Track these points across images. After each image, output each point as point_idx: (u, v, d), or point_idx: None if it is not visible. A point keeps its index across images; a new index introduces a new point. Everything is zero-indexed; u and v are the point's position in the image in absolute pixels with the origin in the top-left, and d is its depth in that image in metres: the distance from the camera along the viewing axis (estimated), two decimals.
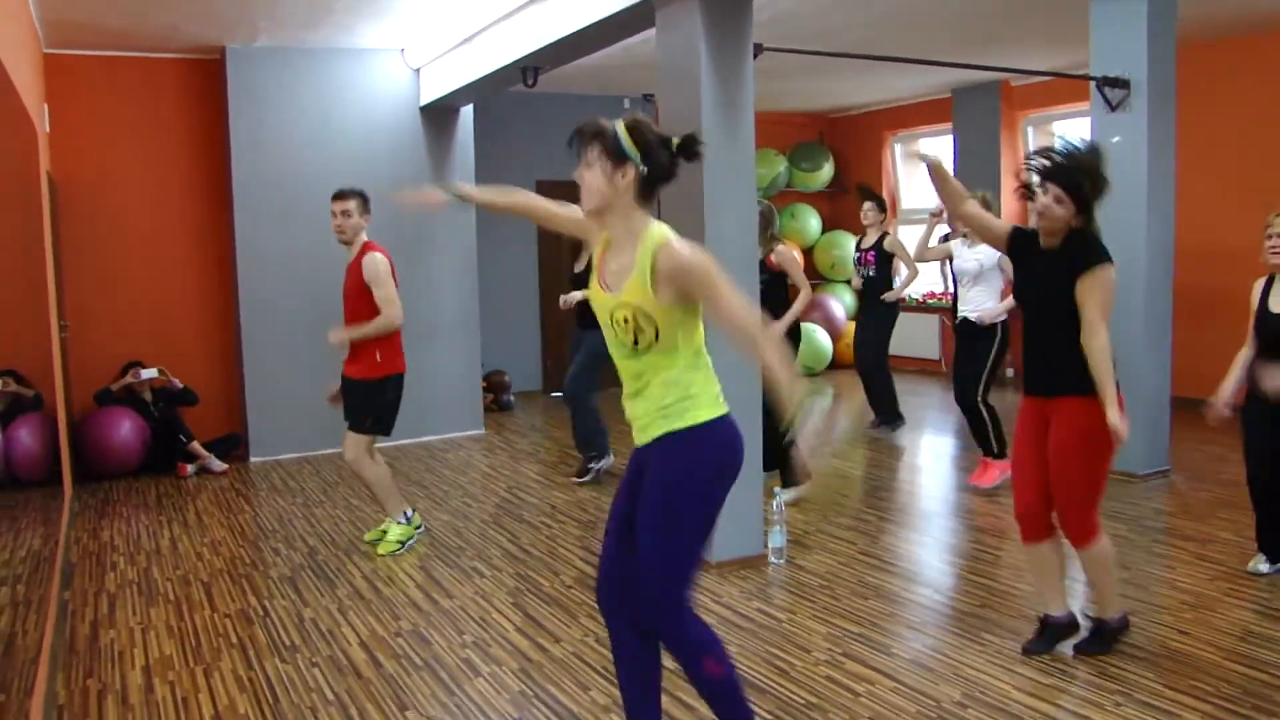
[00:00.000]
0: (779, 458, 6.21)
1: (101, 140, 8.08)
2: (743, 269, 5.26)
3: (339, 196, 5.65)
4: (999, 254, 6.20)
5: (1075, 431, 3.85)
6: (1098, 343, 3.77)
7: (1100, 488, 3.95)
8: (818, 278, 12.61)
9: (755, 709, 3.67)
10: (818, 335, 11.76)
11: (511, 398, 10.41)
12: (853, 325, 12.27)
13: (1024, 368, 4.07)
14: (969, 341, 6.72)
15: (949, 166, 9.30)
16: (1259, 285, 4.77)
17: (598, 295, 3.05)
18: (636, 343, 2.93)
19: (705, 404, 2.95)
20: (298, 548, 5.88)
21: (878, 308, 8.39)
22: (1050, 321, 3.89)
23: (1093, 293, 3.78)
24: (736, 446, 3.01)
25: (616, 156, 2.94)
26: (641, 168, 2.92)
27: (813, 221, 12.70)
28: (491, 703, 3.85)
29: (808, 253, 12.83)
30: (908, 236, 9.94)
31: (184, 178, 8.41)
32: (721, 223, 5.16)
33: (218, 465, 7.96)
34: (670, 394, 2.93)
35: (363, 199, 5.70)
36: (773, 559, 5.34)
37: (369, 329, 5.55)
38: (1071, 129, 10.69)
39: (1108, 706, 3.64)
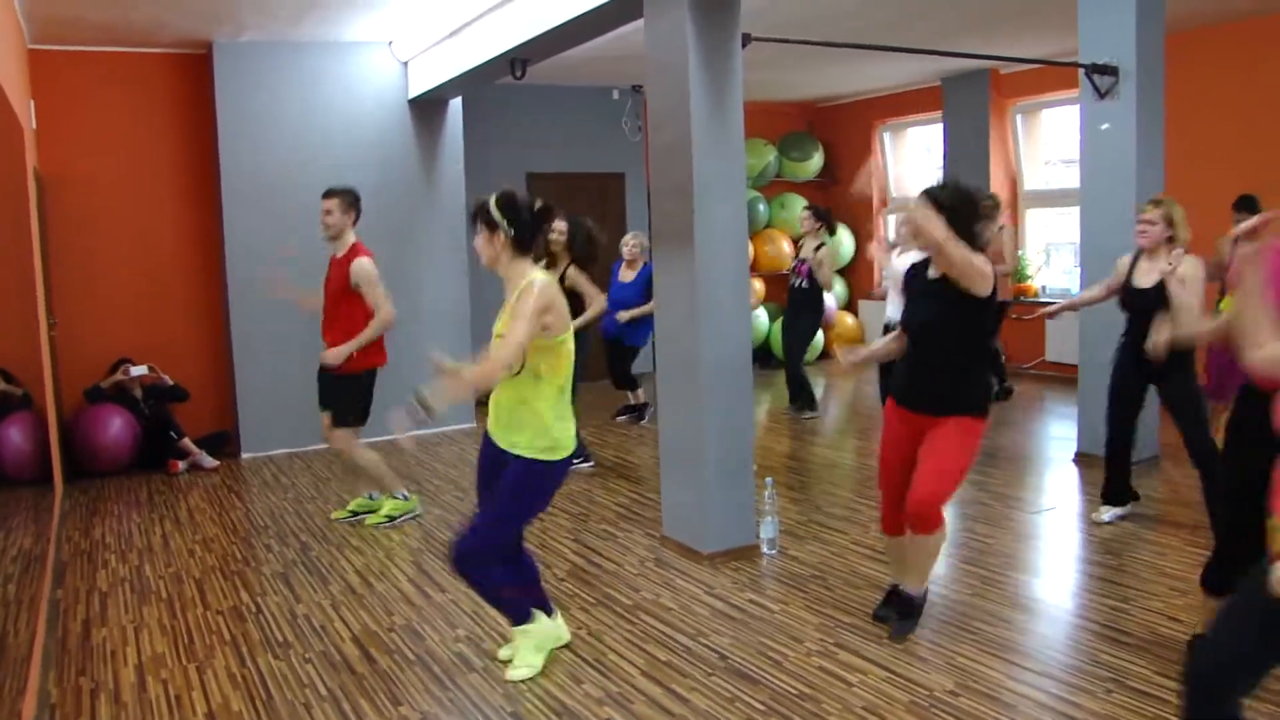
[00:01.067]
0: None
1: (88, 136, 8.04)
2: (733, 258, 5.27)
3: (324, 196, 5.84)
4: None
5: (959, 436, 4.00)
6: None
7: (954, 489, 4.10)
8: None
9: (749, 700, 3.69)
10: None
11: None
12: (841, 315, 12.40)
13: (903, 383, 4.19)
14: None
15: (939, 159, 9.35)
16: (1126, 260, 5.39)
17: (494, 336, 3.85)
18: (510, 367, 3.70)
19: (562, 448, 3.84)
20: (290, 544, 5.87)
21: (805, 317, 9.02)
22: (936, 342, 4.05)
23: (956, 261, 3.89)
24: (557, 482, 3.96)
25: (491, 226, 3.80)
26: (509, 232, 3.78)
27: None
28: (485, 697, 3.86)
29: (796, 242, 12.80)
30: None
31: (172, 173, 8.37)
32: (711, 213, 5.16)
33: (209, 462, 7.94)
34: (538, 435, 3.79)
35: (345, 198, 5.82)
36: (765, 549, 5.35)
37: (368, 333, 5.76)
38: (1061, 116, 10.70)
39: (1099, 694, 3.65)
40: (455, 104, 9.00)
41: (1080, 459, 6.95)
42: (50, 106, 7.74)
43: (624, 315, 8.01)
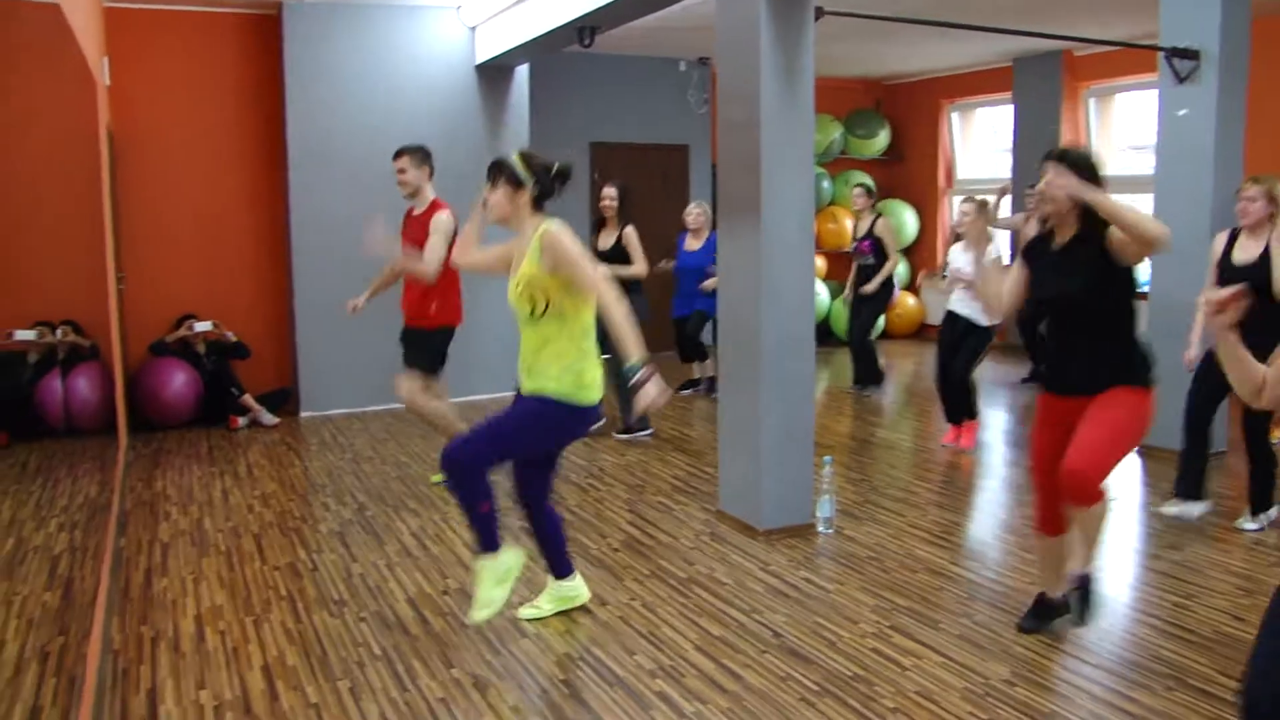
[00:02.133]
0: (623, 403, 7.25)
1: (159, 95, 8.12)
2: (800, 232, 5.22)
3: (395, 156, 5.91)
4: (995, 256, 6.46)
5: (1119, 405, 3.67)
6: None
7: (1116, 465, 3.73)
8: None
9: (801, 679, 3.67)
10: None
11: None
12: (903, 295, 12.25)
13: (1050, 368, 3.92)
14: (959, 333, 6.98)
15: (1008, 142, 9.17)
16: (1222, 238, 5.27)
17: (510, 283, 3.93)
18: (534, 312, 3.82)
19: (590, 390, 3.87)
20: (347, 503, 5.93)
21: (874, 296, 8.93)
22: (1076, 317, 3.74)
23: (1121, 238, 3.57)
24: (589, 424, 4.03)
25: (514, 182, 3.88)
26: (533, 190, 3.88)
27: None
28: (537, 663, 3.87)
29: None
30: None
31: (240, 133, 8.44)
32: (779, 188, 5.11)
33: (269, 419, 8.04)
34: (563, 374, 3.83)
35: (416, 155, 5.89)
36: (821, 528, 5.31)
37: (399, 269, 5.84)
38: (1136, 101, 10.47)
39: (1159, 690, 3.59)
40: (521, 71, 8.98)
41: (1142, 449, 6.82)
42: (123, 64, 7.83)
43: (709, 285, 8.02)
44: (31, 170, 3.35)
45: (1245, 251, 5.11)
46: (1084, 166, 3.64)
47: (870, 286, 8.85)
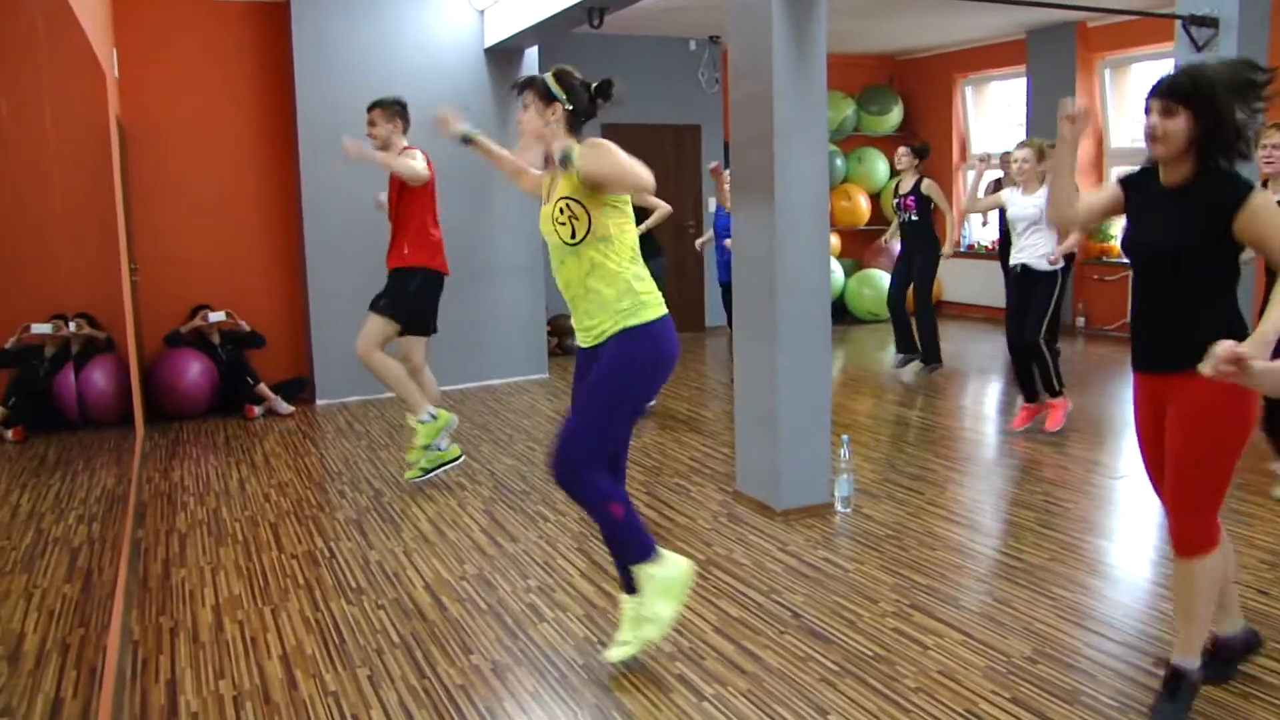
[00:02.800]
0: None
1: (169, 84, 8.11)
2: (814, 210, 5.17)
3: (367, 109, 5.91)
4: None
5: (1202, 413, 3.05)
6: None
7: (1225, 485, 3.11)
8: (884, 222, 12.39)
9: (821, 660, 3.65)
10: (883, 281, 11.57)
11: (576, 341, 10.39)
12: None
13: (1134, 338, 3.28)
14: (1026, 288, 6.68)
15: (1021, 115, 9.07)
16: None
17: (543, 213, 3.59)
18: (574, 235, 3.46)
19: (652, 305, 3.50)
20: (363, 490, 5.93)
21: (921, 251, 8.61)
22: (1170, 277, 3.10)
23: (1267, 226, 2.95)
24: (674, 342, 3.57)
25: (546, 98, 3.58)
26: (567, 106, 3.57)
27: (880, 166, 12.49)
28: (556, 648, 3.86)
29: (875, 198, 12.62)
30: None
31: (250, 121, 8.43)
32: (792, 164, 5.06)
33: (284, 408, 8.05)
34: (621, 296, 3.46)
35: (388, 109, 5.85)
36: (839, 508, 5.29)
37: (382, 158, 5.70)
38: (1152, 72, 10.36)
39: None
40: (531, 53, 8.94)
41: None
42: (132, 54, 7.81)
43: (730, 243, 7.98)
44: (43, 164, 3.35)
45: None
46: (1226, 83, 2.98)
47: (947, 250, 8.59)
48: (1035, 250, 6.58)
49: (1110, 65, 10.67)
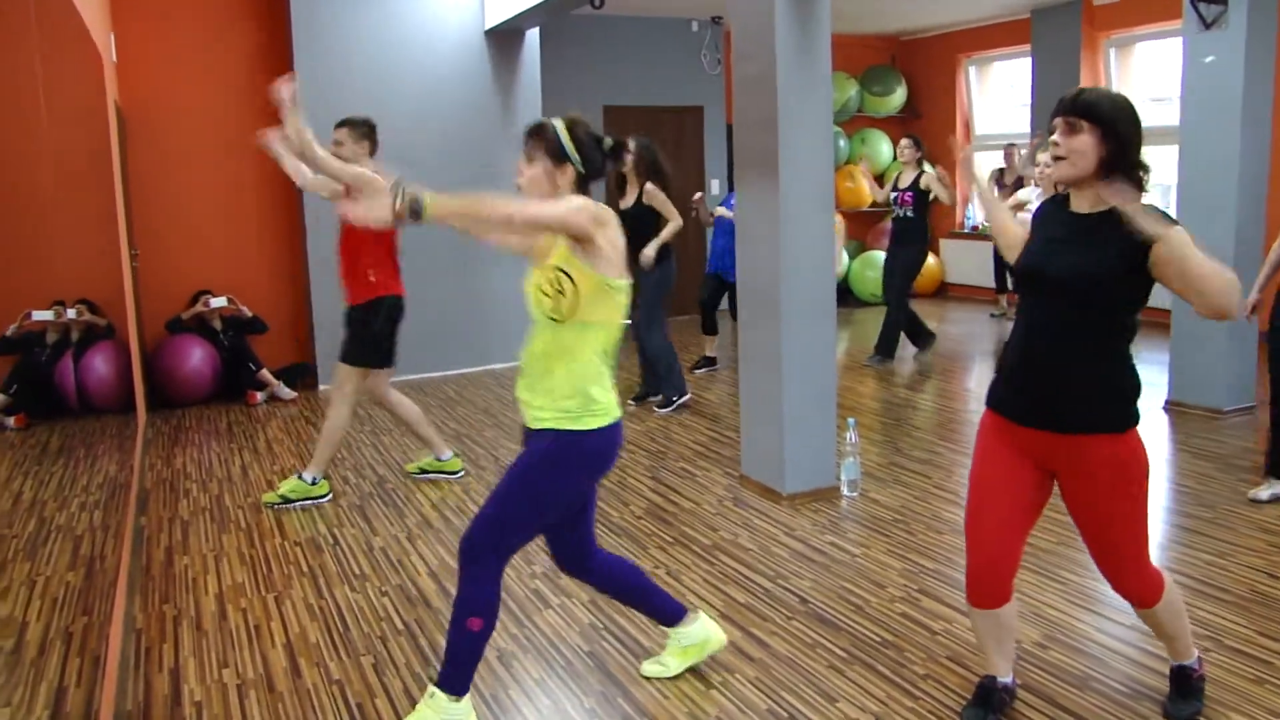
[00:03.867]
0: None
1: (167, 69, 8.05)
2: (817, 192, 5.13)
3: (335, 126, 5.43)
4: None
5: (1115, 478, 2.84)
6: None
7: (1147, 528, 2.95)
8: (888, 203, 12.33)
9: (829, 646, 3.63)
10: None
11: None
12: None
13: (1009, 382, 2.97)
14: None
15: (1027, 97, 9.02)
16: None
17: (530, 280, 3.15)
18: (557, 312, 3.01)
19: (600, 414, 3.06)
20: (366, 476, 5.90)
21: (909, 247, 8.55)
22: (1069, 317, 2.80)
23: (1178, 267, 2.65)
24: (612, 453, 3.15)
25: (558, 157, 3.07)
26: (581, 170, 3.08)
27: (884, 147, 12.42)
28: (561, 635, 3.83)
29: (878, 179, 12.55)
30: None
31: (249, 105, 8.36)
32: (796, 146, 5.01)
33: (287, 393, 8.02)
34: (572, 394, 3.03)
35: (357, 129, 5.37)
36: (846, 492, 5.26)
37: (350, 170, 5.16)
38: (1159, 50, 10.28)
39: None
40: (532, 35, 8.87)
41: (1171, 407, 6.73)
42: (130, 39, 7.76)
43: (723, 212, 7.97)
44: (41, 151, 3.32)
45: None
46: (1119, 122, 2.75)
47: (931, 182, 8.30)
48: None
49: (1116, 44, 10.60)
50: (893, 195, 8.61)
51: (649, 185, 6.93)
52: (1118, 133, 2.73)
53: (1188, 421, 6.00)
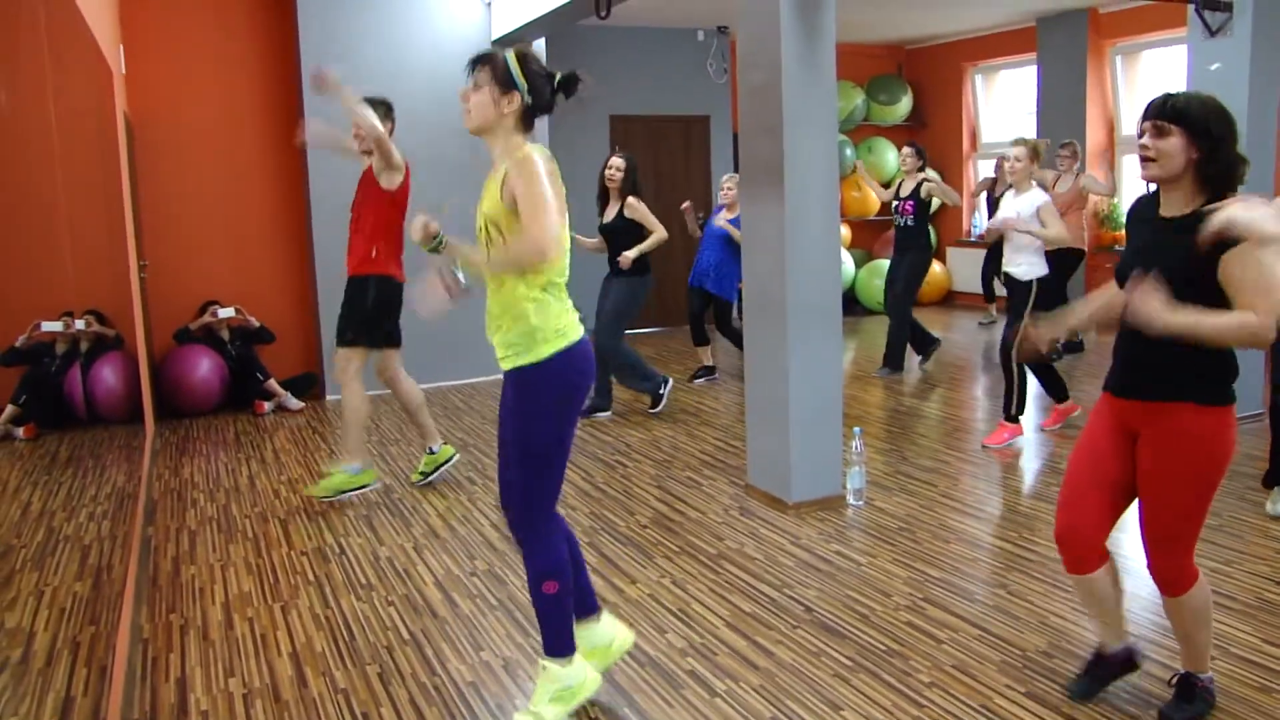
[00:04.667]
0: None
1: (175, 80, 8.09)
2: (823, 200, 5.14)
3: None
4: (1038, 204, 6.08)
5: (1188, 450, 2.93)
6: (1251, 318, 2.72)
7: (1200, 524, 3.03)
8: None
9: (835, 655, 3.62)
10: None
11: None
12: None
13: (1115, 361, 3.11)
14: (1009, 297, 6.38)
15: (1032, 104, 8.93)
16: None
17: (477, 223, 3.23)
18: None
19: (549, 338, 3.09)
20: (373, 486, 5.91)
21: (909, 254, 8.50)
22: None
23: (1244, 274, 2.75)
24: (578, 371, 3.16)
25: (505, 84, 3.12)
26: (527, 98, 3.13)
27: (890, 156, 12.42)
28: None
29: (885, 188, 12.54)
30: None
31: (257, 116, 8.42)
32: (801, 154, 5.02)
33: (294, 403, 8.04)
34: (516, 329, 3.10)
35: (377, 107, 5.62)
36: (851, 500, 5.26)
37: (362, 111, 5.45)
38: (1165, 58, 10.28)
39: None
40: (539, 45, 8.89)
41: None
42: (138, 50, 7.80)
43: (720, 219, 8.04)
44: (50, 162, 3.33)
45: None
46: (1210, 121, 2.88)
47: (932, 189, 8.31)
48: (1018, 256, 6.21)
49: (1122, 52, 10.59)
50: (894, 204, 8.59)
51: (630, 199, 6.99)
52: (1209, 132, 2.85)
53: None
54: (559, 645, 3.23)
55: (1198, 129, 2.84)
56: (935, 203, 8.49)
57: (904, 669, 3.54)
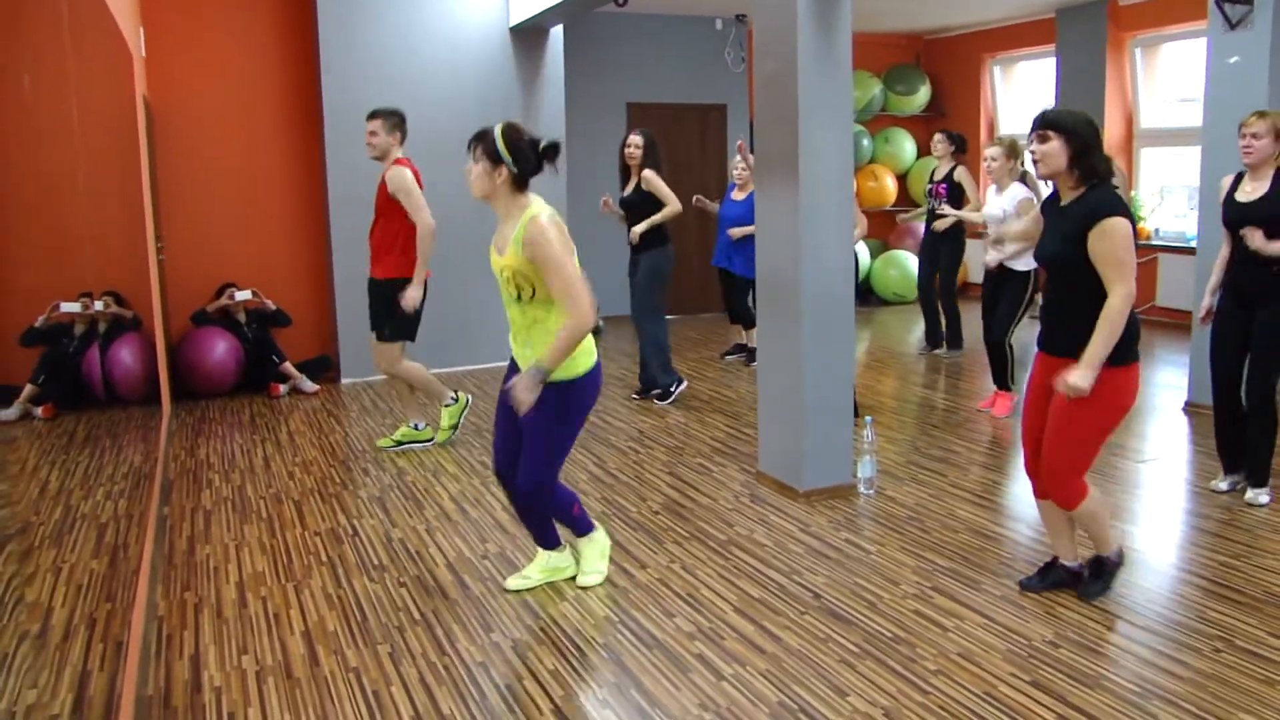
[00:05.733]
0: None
1: (195, 63, 8.13)
2: (838, 189, 5.15)
3: (368, 117, 6.02)
4: (1018, 198, 6.53)
5: (1088, 399, 3.62)
6: (1111, 301, 3.56)
7: (1091, 457, 3.80)
8: (912, 204, 12.31)
9: (842, 641, 3.65)
10: (909, 262, 11.51)
11: (600, 323, 10.39)
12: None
13: (1041, 324, 3.91)
14: (1000, 285, 6.73)
15: (1051, 96, 8.96)
16: (1228, 180, 5.11)
17: (493, 257, 3.87)
18: (519, 296, 3.76)
19: (578, 357, 3.78)
20: (386, 468, 5.96)
21: (947, 241, 8.61)
22: (1061, 279, 3.75)
23: (1101, 249, 3.57)
24: (596, 386, 3.93)
25: (494, 159, 3.73)
26: (513, 169, 3.73)
27: (907, 146, 12.41)
28: (577, 627, 3.87)
29: (902, 178, 12.55)
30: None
31: (276, 100, 8.45)
32: (816, 143, 5.03)
33: (309, 386, 8.09)
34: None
35: (389, 119, 5.98)
36: (862, 489, 5.28)
37: (421, 247, 5.90)
38: (1184, 51, 10.23)
39: (1206, 653, 3.53)
40: (556, 32, 8.90)
41: (1190, 408, 6.72)
42: (158, 33, 7.84)
43: (736, 233, 8.06)
44: (70, 144, 3.36)
45: (1247, 193, 4.94)
46: (1078, 129, 3.64)
47: (942, 224, 8.45)
48: (1005, 248, 6.49)
49: (1142, 44, 10.54)
50: (928, 188, 8.65)
51: (646, 172, 7.06)
52: (1079, 134, 3.62)
53: (1206, 423, 5.96)
54: (587, 526, 4.26)
55: (1068, 134, 3.61)
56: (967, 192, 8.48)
57: (910, 656, 3.57)
